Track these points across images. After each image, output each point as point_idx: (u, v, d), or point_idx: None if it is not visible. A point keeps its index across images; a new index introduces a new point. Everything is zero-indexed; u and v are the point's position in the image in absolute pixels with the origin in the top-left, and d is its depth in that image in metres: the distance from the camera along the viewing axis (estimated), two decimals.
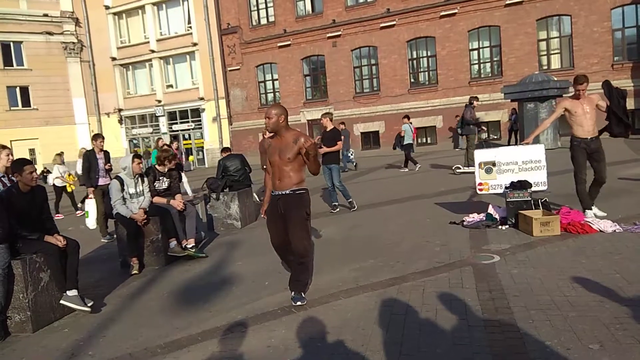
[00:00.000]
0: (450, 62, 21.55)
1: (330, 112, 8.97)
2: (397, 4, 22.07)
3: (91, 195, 7.93)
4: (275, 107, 4.21)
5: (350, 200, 8.62)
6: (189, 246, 6.13)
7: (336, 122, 12.43)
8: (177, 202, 6.24)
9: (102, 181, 7.83)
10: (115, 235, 6.63)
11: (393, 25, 22.23)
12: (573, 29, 19.46)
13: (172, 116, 28.21)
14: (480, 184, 6.60)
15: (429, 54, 22.34)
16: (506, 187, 6.29)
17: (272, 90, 25.99)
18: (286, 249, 4.34)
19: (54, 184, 12.00)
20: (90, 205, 7.97)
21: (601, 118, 6.05)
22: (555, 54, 20.26)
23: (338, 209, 8.62)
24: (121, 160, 6.16)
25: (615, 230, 5.41)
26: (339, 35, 23.37)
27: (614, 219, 5.77)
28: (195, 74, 27.64)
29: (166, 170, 6.52)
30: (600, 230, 5.47)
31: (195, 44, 26.75)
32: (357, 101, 23.56)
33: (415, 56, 22.75)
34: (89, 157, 7.84)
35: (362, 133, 23.58)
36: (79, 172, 10.29)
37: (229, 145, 22.32)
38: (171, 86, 28.43)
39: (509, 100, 17.01)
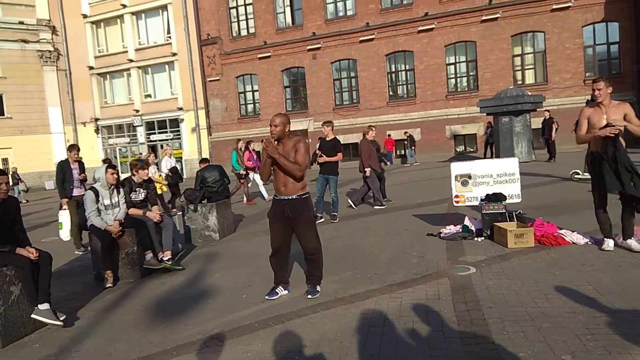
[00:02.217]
0: (428, 76, 21.92)
1: (331, 121, 9.04)
2: (376, 19, 22.41)
3: (65, 206, 7.77)
4: (280, 115, 4.44)
5: (335, 213, 8.66)
6: (165, 258, 6.04)
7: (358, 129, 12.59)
8: (154, 214, 6.17)
9: (76, 192, 7.70)
10: (89, 248, 6.50)
11: (372, 39, 22.54)
12: (546, 45, 20.04)
13: (150, 126, 27.92)
14: (456, 196, 6.70)
15: (407, 67, 22.70)
16: (481, 200, 6.40)
17: (252, 101, 25.99)
18: (284, 252, 4.65)
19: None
20: (64, 217, 7.80)
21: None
22: (529, 69, 20.81)
23: (322, 219, 8.64)
24: (96, 171, 6.06)
25: (587, 242, 5.53)
26: (318, 48, 23.58)
27: (587, 231, 5.90)
28: (174, 84, 27.47)
29: (142, 180, 6.43)
30: (573, 242, 5.60)
31: (174, 54, 26.63)
32: (337, 113, 23.71)
33: (394, 69, 23.07)
34: (63, 168, 7.70)
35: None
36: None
37: (207, 156, 22.15)
38: (149, 96, 28.18)
39: (485, 114, 17.36)
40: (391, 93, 23.21)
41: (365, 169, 9.49)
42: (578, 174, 10.87)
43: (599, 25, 19.54)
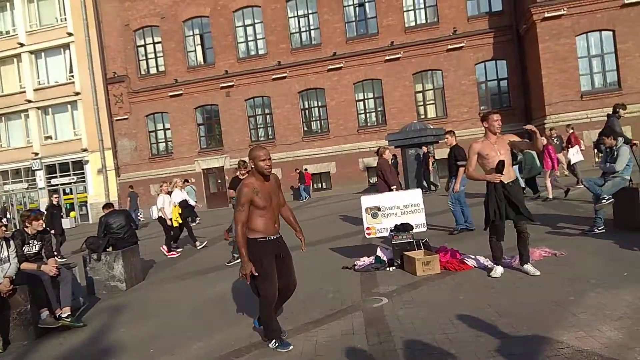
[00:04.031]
0: (340, 111, 22.72)
1: (245, 161, 8.92)
2: (287, 57, 22.99)
3: None
4: (266, 149, 4.12)
5: None
6: (63, 315, 5.54)
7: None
8: (50, 267, 5.67)
9: None
10: None
11: (285, 77, 23.03)
12: (444, 82, 21.67)
13: (51, 169, 26.01)
14: (368, 228, 6.90)
15: (319, 104, 23.38)
16: (391, 230, 6.63)
17: (163, 140, 25.24)
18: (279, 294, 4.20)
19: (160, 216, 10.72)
20: None
21: None
22: (430, 104, 22.32)
23: (238, 260, 8.42)
24: None
25: (488, 265, 5.89)
26: (232, 86, 23.62)
27: (487, 254, 6.29)
28: (77, 124, 26.01)
29: (36, 231, 5.92)
30: (476, 266, 5.94)
31: (77, 93, 25.31)
32: None
33: (307, 106, 23.65)
34: None
35: None
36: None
37: (116, 199, 20.98)
38: (50, 137, 26.38)
39: (393, 146, 18.22)
40: (306, 128, 23.69)
41: (392, 187, 9.22)
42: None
43: (489, 63, 21.54)
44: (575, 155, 11.90)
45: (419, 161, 16.81)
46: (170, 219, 10.41)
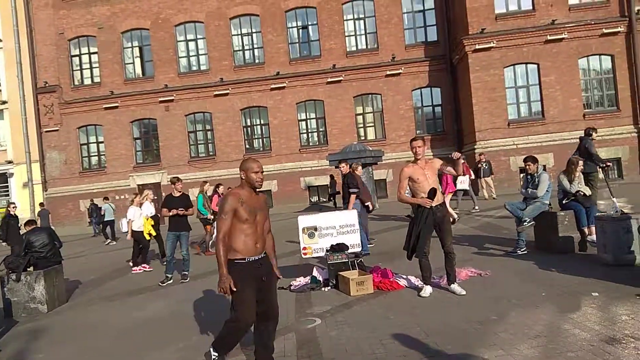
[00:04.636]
0: (282, 130, 22.81)
1: (178, 178, 8.73)
2: (230, 75, 22.88)
3: None
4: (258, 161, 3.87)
5: (186, 273, 8.28)
6: None
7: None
8: None
9: None
10: None
11: (227, 94, 22.86)
12: (383, 106, 22.39)
13: None
14: (304, 248, 6.94)
15: (262, 122, 23.36)
16: (327, 250, 6.71)
17: (96, 154, 24.12)
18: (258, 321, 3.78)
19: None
20: None
21: None
22: (370, 126, 22.94)
23: (171, 281, 8.17)
24: None
25: (418, 285, 6.09)
26: (172, 100, 23.11)
27: (418, 274, 6.50)
28: (3, 134, 24.35)
29: None
30: (407, 286, 6.13)
31: (4, 102, 23.78)
32: (192, 165, 23.19)
33: (249, 123, 23.55)
34: None
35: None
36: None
37: (39, 215, 19.69)
38: None
39: (334, 167, 18.50)
40: (247, 146, 23.54)
41: (367, 203, 9.15)
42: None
43: (425, 89, 22.52)
44: (461, 183, 12.85)
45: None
46: (140, 232, 10.13)
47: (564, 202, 7.52)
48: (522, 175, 15.14)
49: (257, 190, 3.81)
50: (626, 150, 18.39)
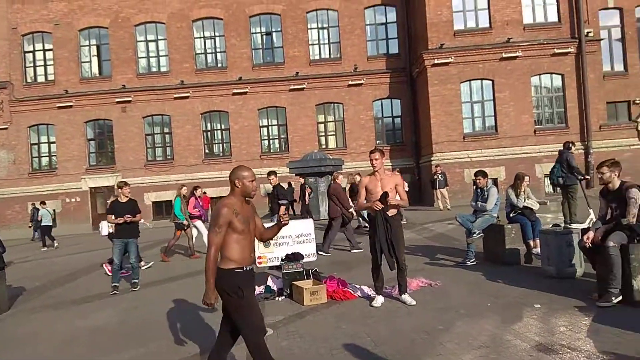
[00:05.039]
0: (243, 136, 22.64)
1: (126, 182, 8.37)
2: (191, 78, 22.56)
3: None
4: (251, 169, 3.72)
5: (136, 280, 8.05)
6: None
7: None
8: None
9: None
10: None
11: (187, 97, 22.50)
12: (345, 115, 22.63)
13: None
14: (259, 257, 6.90)
15: (222, 127, 23.12)
16: (282, 260, 6.70)
17: (47, 154, 23.16)
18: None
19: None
20: None
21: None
22: (331, 135, 23.12)
23: (117, 291, 7.92)
24: None
25: (371, 295, 6.17)
26: (129, 101, 22.52)
27: (372, 284, 6.59)
28: None
29: None
30: (360, 296, 6.20)
31: None
32: (149, 169, 22.64)
33: (209, 128, 23.26)
34: None
35: (153, 202, 22.53)
36: None
37: None
38: None
39: (294, 174, 18.53)
40: (207, 151, 23.21)
41: (350, 210, 8.98)
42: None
43: (385, 100, 22.94)
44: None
45: (303, 192, 16.71)
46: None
47: (511, 215, 7.82)
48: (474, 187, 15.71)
49: (249, 198, 3.70)
50: None
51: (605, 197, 5.55)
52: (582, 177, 9.55)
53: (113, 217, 7.77)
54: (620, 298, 5.02)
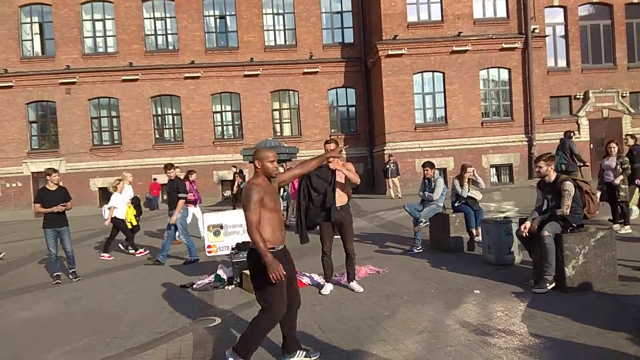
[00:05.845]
0: (195, 121, 22.17)
1: (54, 169, 7.89)
2: (140, 59, 21.78)
3: None
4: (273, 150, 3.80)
5: (74, 270, 7.77)
6: None
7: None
8: None
9: None
10: None
11: (136, 80, 21.74)
12: (300, 103, 22.59)
13: None
14: (209, 246, 6.86)
15: (174, 111, 22.53)
16: (232, 249, 6.68)
17: None
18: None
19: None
20: None
21: None
22: (286, 122, 23.04)
23: (60, 280, 7.63)
24: None
25: (320, 283, 6.27)
26: (74, 83, 21.50)
27: (321, 272, 6.69)
28: None
29: None
30: (309, 284, 6.28)
31: None
32: (95, 154, 21.79)
33: (160, 112, 22.61)
34: None
35: (100, 188, 21.74)
36: None
37: None
38: None
39: (248, 161, 18.35)
40: (157, 136, 22.58)
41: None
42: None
43: (340, 89, 23.06)
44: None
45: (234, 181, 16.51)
46: (121, 220, 9.67)
47: (455, 204, 8.12)
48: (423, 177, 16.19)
49: (271, 179, 3.79)
50: (517, 157, 20.19)
51: (542, 189, 5.86)
52: (583, 164, 10.02)
53: (40, 206, 7.36)
54: (554, 284, 5.34)
